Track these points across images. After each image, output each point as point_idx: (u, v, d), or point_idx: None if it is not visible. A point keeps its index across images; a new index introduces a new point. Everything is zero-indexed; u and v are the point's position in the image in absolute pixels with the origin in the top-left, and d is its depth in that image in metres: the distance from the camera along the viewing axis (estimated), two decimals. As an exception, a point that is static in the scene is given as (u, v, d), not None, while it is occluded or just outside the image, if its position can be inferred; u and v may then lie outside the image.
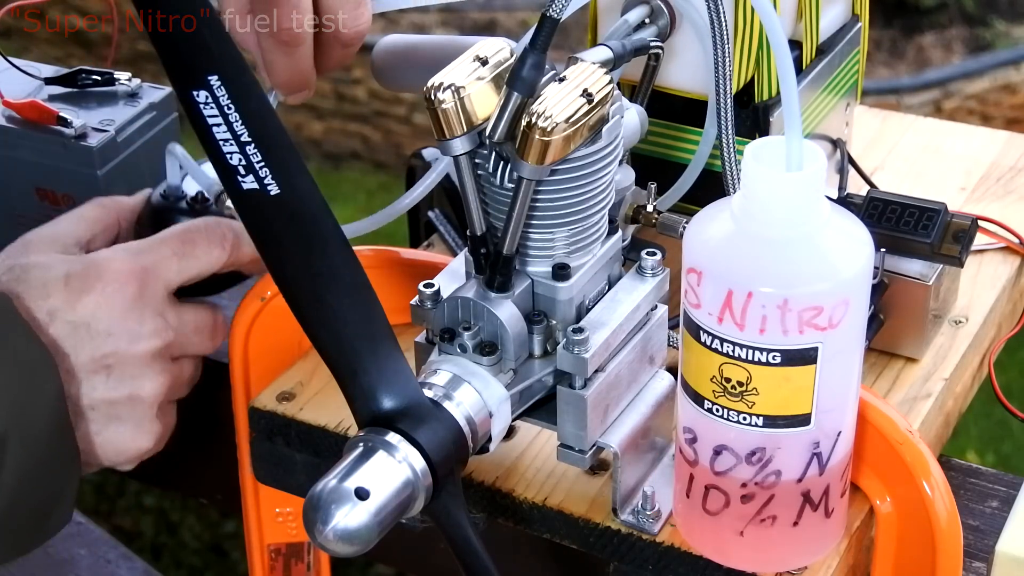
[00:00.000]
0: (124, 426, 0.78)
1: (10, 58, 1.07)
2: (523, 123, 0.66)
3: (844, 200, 0.88)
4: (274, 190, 0.62)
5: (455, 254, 0.95)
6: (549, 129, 0.66)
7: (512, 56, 0.70)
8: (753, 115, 0.87)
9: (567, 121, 0.66)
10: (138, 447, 0.80)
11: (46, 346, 0.73)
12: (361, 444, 0.66)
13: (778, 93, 0.84)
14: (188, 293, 0.82)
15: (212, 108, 0.61)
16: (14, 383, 0.70)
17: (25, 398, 0.70)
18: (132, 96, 1.05)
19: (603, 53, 0.77)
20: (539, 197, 0.70)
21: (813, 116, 0.92)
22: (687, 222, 0.75)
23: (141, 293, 0.78)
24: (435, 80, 0.68)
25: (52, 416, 0.72)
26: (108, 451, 0.78)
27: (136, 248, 0.80)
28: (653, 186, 0.78)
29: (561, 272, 0.71)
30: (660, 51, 0.82)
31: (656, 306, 0.75)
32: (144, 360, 0.78)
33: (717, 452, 0.69)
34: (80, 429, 0.76)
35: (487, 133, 0.68)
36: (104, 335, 0.76)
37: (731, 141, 0.81)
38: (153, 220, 0.88)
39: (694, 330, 0.67)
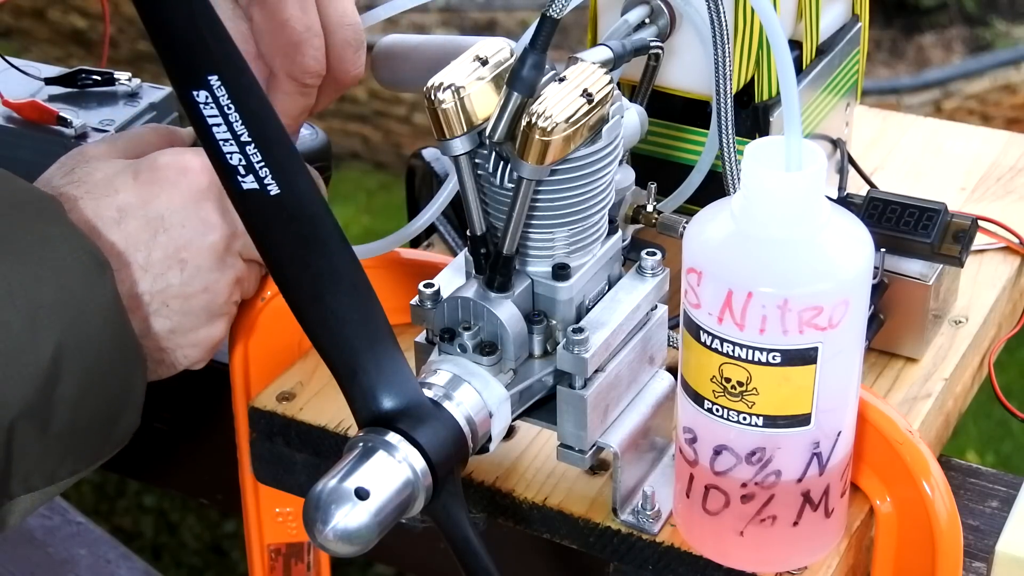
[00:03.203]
0: (198, 319, 0.77)
1: (11, 58, 1.07)
2: (523, 123, 0.66)
3: (844, 200, 0.88)
4: (274, 190, 0.62)
5: (455, 254, 0.95)
6: (549, 129, 0.66)
7: (512, 56, 0.70)
8: (753, 115, 0.87)
9: (567, 121, 0.66)
10: (211, 337, 0.79)
11: (99, 249, 0.71)
12: (361, 444, 0.66)
13: (778, 93, 0.84)
14: None
15: (212, 108, 0.61)
16: (65, 292, 0.68)
17: (78, 306, 0.68)
18: (132, 96, 1.05)
19: (603, 53, 0.77)
20: (539, 197, 0.70)
21: (813, 116, 0.92)
22: (687, 222, 0.75)
23: (211, 186, 0.77)
24: (435, 80, 0.68)
25: (109, 322, 0.70)
26: (183, 345, 0.78)
27: (196, 148, 0.78)
28: (653, 186, 0.78)
29: (561, 272, 0.71)
30: (660, 51, 0.82)
31: (656, 306, 0.75)
32: (217, 253, 0.77)
33: (717, 452, 0.69)
34: (154, 327, 0.76)
35: (487, 133, 0.68)
36: (179, 227, 0.76)
37: (731, 141, 0.81)
38: None
39: (694, 330, 0.67)
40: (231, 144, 0.61)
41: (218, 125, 0.61)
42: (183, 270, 0.76)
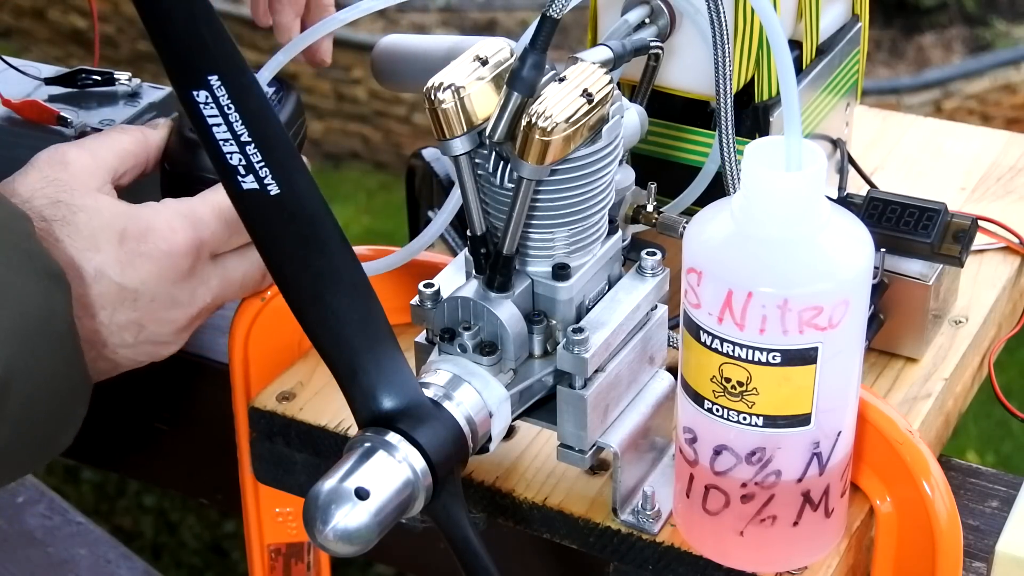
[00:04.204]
0: (148, 354, 0.79)
1: (10, 58, 1.07)
2: (523, 123, 0.66)
3: (844, 200, 0.88)
4: (274, 190, 0.62)
5: (455, 254, 0.95)
6: (549, 129, 0.66)
7: (512, 56, 0.70)
8: (753, 115, 0.87)
9: (567, 121, 0.66)
10: (159, 356, 0.80)
11: (63, 272, 0.71)
12: (361, 444, 0.66)
13: (778, 93, 0.84)
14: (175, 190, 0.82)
15: (212, 108, 0.61)
16: (23, 318, 0.68)
17: (34, 337, 0.69)
18: (132, 96, 1.05)
19: (603, 53, 0.77)
20: (539, 197, 0.70)
21: (813, 116, 0.92)
22: (687, 222, 0.75)
23: (194, 267, 0.77)
24: (435, 80, 0.68)
25: (62, 354, 0.71)
26: (128, 363, 0.79)
27: (194, 217, 0.78)
28: (653, 186, 0.78)
29: (561, 272, 0.71)
30: (660, 51, 0.82)
31: (656, 306, 0.75)
32: (177, 327, 0.79)
33: (717, 452, 0.69)
34: (99, 353, 0.77)
35: (487, 133, 0.68)
36: (147, 302, 0.76)
37: (731, 141, 0.81)
38: (184, 153, 0.86)
39: (694, 330, 0.67)
40: (231, 144, 0.61)
41: (218, 125, 0.61)
42: (139, 333, 0.78)
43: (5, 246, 0.68)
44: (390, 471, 0.65)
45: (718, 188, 0.83)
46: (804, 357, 0.65)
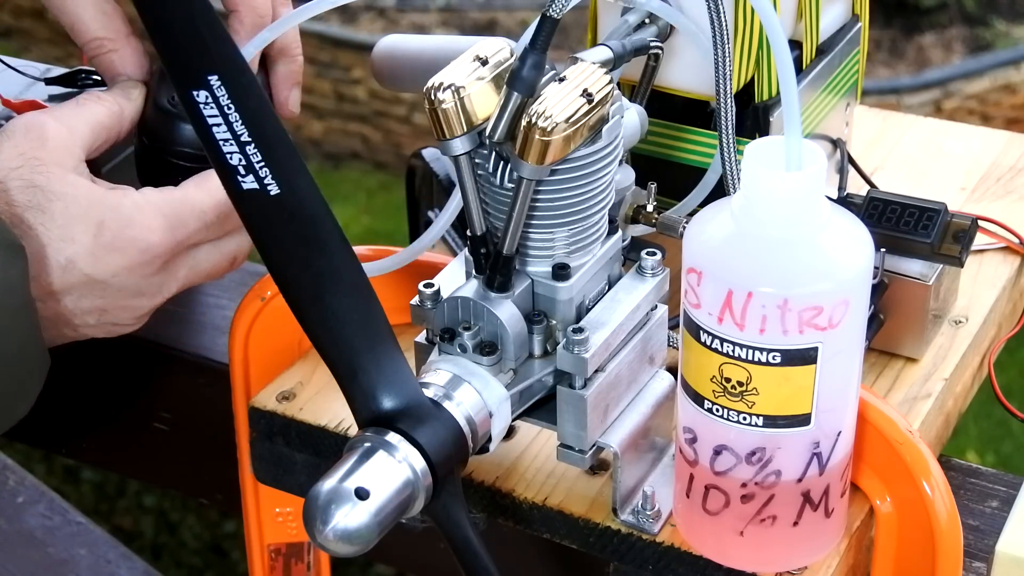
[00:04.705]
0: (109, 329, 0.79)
1: (10, 58, 1.07)
2: (523, 123, 0.66)
3: (844, 200, 0.88)
4: (274, 190, 0.62)
5: (455, 254, 0.95)
6: (549, 129, 0.66)
7: (512, 56, 0.70)
8: (753, 115, 0.87)
9: (567, 121, 0.66)
10: (116, 335, 0.80)
11: (22, 246, 0.70)
12: (361, 444, 0.66)
13: (778, 93, 0.84)
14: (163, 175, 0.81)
15: (212, 108, 0.61)
16: None
17: None
18: (132, 96, 1.05)
19: (603, 53, 0.77)
20: (539, 197, 0.70)
21: (813, 116, 0.92)
22: (687, 222, 0.75)
23: (166, 264, 0.77)
24: (435, 80, 0.68)
25: (16, 329, 0.71)
26: (89, 336, 0.79)
27: (174, 218, 0.77)
28: (653, 186, 0.78)
29: (561, 272, 0.71)
30: (660, 51, 0.82)
31: (656, 306, 0.75)
32: (141, 314, 0.79)
33: (717, 452, 0.69)
34: (61, 330, 0.77)
35: (487, 133, 0.68)
36: (115, 292, 0.76)
37: (731, 141, 0.81)
38: (163, 127, 0.83)
39: (694, 330, 0.67)
40: (231, 144, 0.61)
41: (218, 125, 0.61)
42: (102, 316, 0.77)
43: None
44: (390, 471, 0.65)
45: (718, 188, 0.83)
46: (804, 357, 0.65)
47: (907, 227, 0.84)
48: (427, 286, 0.73)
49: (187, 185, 0.79)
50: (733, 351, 0.65)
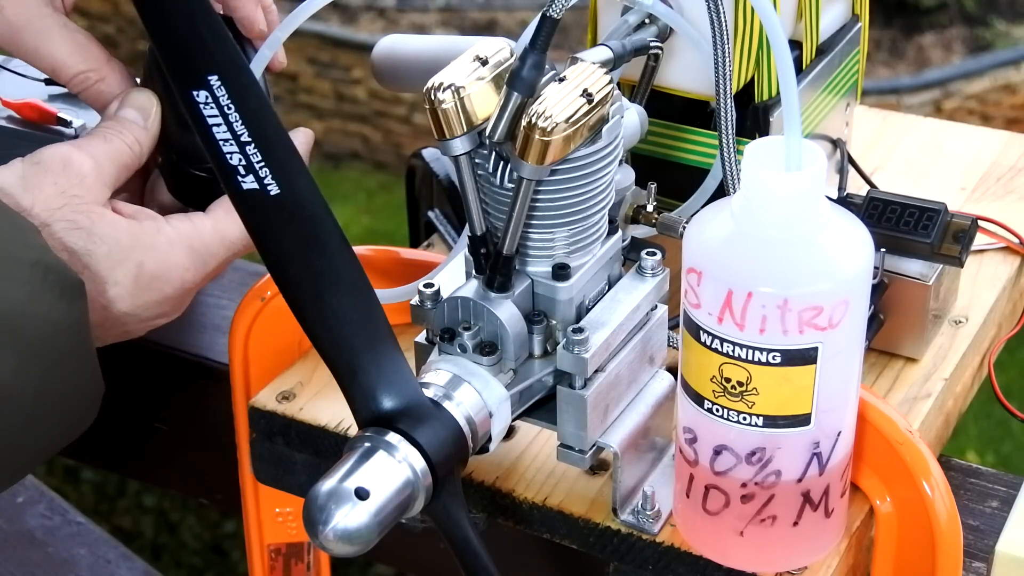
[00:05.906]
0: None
1: (9, 58, 1.07)
2: (523, 123, 0.66)
3: (844, 200, 0.88)
4: (274, 190, 0.62)
5: (455, 254, 0.95)
6: (549, 129, 0.66)
7: (512, 56, 0.70)
8: (753, 115, 0.87)
9: (567, 121, 0.66)
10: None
11: (79, 283, 0.71)
12: (361, 444, 0.66)
13: (778, 93, 0.84)
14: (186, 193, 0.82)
15: (212, 108, 0.61)
16: (50, 343, 0.69)
17: (60, 357, 0.70)
18: (132, 96, 1.05)
19: (603, 53, 0.77)
20: (539, 197, 0.70)
21: (813, 116, 0.92)
22: (687, 222, 0.75)
23: (192, 291, 0.79)
24: (435, 80, 0.68)
25: (82, 368, 0.72)
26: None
27: (206, 253, 0.78)
28: (653, 186, 0.78)
29: (561, 272, 0.71)
30: (660, 51, 0.82)
31: (656, 306, 0.75)
32: (155, 327, 0.80)
33: (717, 452, 0.69)
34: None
35: (487, 133, 0.68)
36: (140, 319, 0.77)
37: (731, 141, 0.81)
38: (187, 143, 0.82)
39: (694, 330, 0.67)
40: (231, 144, 0.61)
41: (218, 125, 0.61)
42: (122, 336, 0.78)
43: (21, 263, 0.68)
44: (390, 471, 0.65)
45: (717, 188, 0.83)
46: (804, 357, 0.65)
47: (907, 227, 0.84)
48: (427, 286, 0.73)
49: (216, 211, 0.80)
50: (733, 351, 0.65)
